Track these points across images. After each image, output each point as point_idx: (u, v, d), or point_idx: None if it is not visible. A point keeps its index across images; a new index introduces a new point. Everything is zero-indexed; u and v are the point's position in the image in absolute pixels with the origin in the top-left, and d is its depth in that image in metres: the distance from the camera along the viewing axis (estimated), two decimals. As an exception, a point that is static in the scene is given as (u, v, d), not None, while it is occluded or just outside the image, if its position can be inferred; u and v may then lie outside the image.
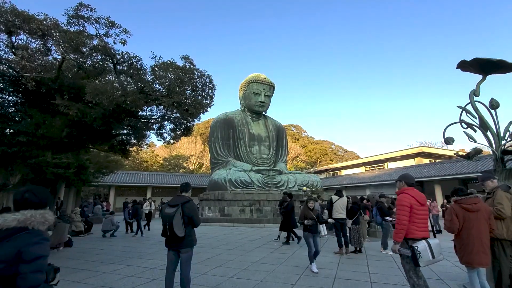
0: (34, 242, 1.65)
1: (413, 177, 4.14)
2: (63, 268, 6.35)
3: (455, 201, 4.00)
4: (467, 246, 3.81)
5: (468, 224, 3.80)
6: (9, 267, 1.56)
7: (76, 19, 9.04)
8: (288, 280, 5.35)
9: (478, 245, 3.73)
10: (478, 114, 5.34)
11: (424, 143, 50.20)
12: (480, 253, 3.72)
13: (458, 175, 22.62)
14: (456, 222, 3.86)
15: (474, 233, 3.75)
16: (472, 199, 3.86)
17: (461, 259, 3.93)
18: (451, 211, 3.98)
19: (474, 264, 3.75)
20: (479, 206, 3.82)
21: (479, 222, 3.77)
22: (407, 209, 3.69)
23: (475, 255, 3.73)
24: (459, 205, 3.91)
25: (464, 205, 3.86)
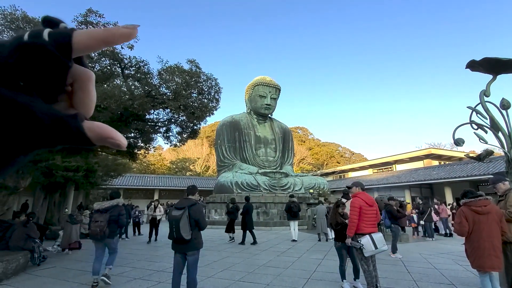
0: (120, 209, 5.79)
1: (364, 184, 5.14)
2: (72, 270, 6.45)
3: (464, 203, 3.94)
4: (477, 250, 3.73)
5: (478, 227, 3.72)
6: (116, 217, 5.59)
7: (85, 25, 9.23)
8: (294, 284, 5.30)
9: (489, 248, 3.64)
10: (489, 114, 5.22)
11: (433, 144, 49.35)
12: (492, 256, 3.63)
13: (468, 177, 22.14)
14: (466, 225, 3.79)
15: (484, 236, 3.67)
16: (481, 201, 3.78)
17: (472, 263, 3.85)
18: (460, 214, 3.91)
19: (485, 268, 3.66)
20: (489, 208, 3.74)
21: (489, 224, 3.69)
22: (357, 210, 4.64)
23: (486, 259, 3.64)
24: (469, 207, 3.85)
25: (474, 207, 3.79)
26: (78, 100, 0.31)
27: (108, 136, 0.28)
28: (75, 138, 0.27)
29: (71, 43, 0.27)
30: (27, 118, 0.25)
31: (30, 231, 7.46)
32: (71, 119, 0.27)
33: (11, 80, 0.25)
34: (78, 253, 8.76)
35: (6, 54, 0.25)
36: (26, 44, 0.26)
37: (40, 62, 0.26)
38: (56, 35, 0.27)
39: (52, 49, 0.26)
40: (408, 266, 6.80)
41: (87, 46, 0.28)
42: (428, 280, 5.55)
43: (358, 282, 5.11)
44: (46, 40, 0.26)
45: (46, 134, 0.26)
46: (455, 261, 7.40)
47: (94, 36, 0.28)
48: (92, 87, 0.32)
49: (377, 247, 4.49)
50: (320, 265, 6.77)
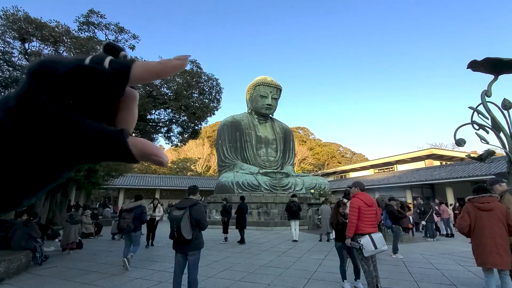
0: (142, 209, 7.16)
1: (364, 184, 5.13)
2: (74, 270, 6.48)
3: (469, 199, 3.96)
4: (479, 247, 3.73)
5: (480, 223, 3.71)
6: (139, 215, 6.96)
7: (86, 25, 9.27)
8: (295, 284, 5.30)
9: (491, 245, 3.62)
10: (491, 115, 5.21)
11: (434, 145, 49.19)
12: (494, 253, 3.61)
13: (470, 177, 22.07)
14: (466, 220, 3.80)
15: (487, 233, 3.67)
16: (485, 198, 3.78)
17: (476, 260, 3.85)
18: (464, 210, 3.96)
19: (487, 265, 3.65)
20: (492, 206, 3.72)
21: (491, 221, 3.67)
22: (356, 211, 4.65)
23: (488, 255, 3.63)
24: (472, 203, 3.87)
25: (476, 203, 3.80)
26: (121, 118, 0.31)
27: (151, 153, 0.29)
28: (120, 154, 0.28)
29: (129, 74, 0.28)
30: (76, 134, 0.26)
31: (31, 231, 7.49)
32: (117, 135, 0.27)
33: (62, 98, 0.26)
34: (79, 252, 8.79)
35: (62, 72, 0.26)
36: (86, 67, 0.26)
37: (95, 87, 0.27)
38: (117, 65, 0.28)
39: (110, 77, 0.27)
40: (409, 266, 6.79)
41: (142, 79, 0.29)
42: (429, 281, 5.54)
43: (358, 282, 5.10)
44: (106, 68, 0.27)
45: (92, 149, 0.26)
46: (456, 261, 7.39)
47: (150, 69, 0.29)
48: (135, 106, 0.32)
49: (377, 247, 4.49)
50: (321, 265, 6.77)
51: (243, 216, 10.78)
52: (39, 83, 0.25)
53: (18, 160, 0.25)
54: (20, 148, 0.25)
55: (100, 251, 9.14)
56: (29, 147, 0.25)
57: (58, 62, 0.27)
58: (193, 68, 10.60)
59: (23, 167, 0.25)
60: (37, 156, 0.25)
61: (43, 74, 0.26)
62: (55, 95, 0.26)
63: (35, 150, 0.25)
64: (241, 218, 10.71)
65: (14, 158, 0.25)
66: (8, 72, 9.64)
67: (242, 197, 11.81)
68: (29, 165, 0.25)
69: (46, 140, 0.25)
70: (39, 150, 0.25)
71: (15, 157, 0.25)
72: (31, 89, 0.25)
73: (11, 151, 0.25)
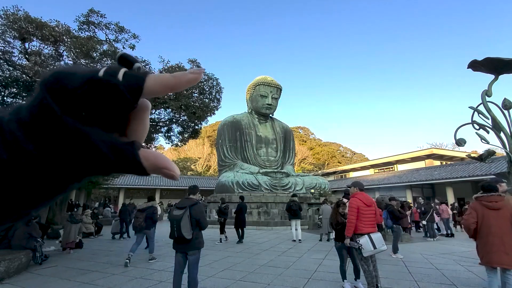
0: (154, 209, 7.62)
1: (363, 184, 5.12)
2: (74, 269, 6.48)
3: (476, 197, 3.93)
4: (486, 245, 3.69)
5: (487, 222, 3.68)
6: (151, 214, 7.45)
7: (86, 25, 9.27)
8: (295, 284, 5.30)
9: (498, 244, 3.59)
10: (491, 114, 5.20)
11: (435, 144, 49.19)
12: (501, 252, 3.58)
13: (470, 177, 22.06)
14: (473, 217, 3.77)
15: (494, 231, 3.63)
16: (493, 197, 3.75)
17: (481, 259, 3.83)
18: (471, 207, 3.92)
19: (493, 264, 3.63)
20: (501, 205, 3.70)
21: (499, 220, 3.64)
22: (355, 211, 4.66)
23: (494, 254, 3.60)
24: (480, 202, 3.84)
25: (484, 202, 3.77)
26: (132, 128, 0.31)
27: (163, 167, 0.28)
28: (131, 167, 0.27)
29: (143, 88, 0.27)
30: (87, 146, 0.25)
31: (32, 230, 7.49)
32: (129, 148, 0.27)
33: (75, 110, 0.26)
34: (79, 252, 8.79)
35: (76, 84, 0.26)
36: (100, 80, 0.26)
37: (108, 100, 0.26)
38: (130, 78, 0.27)
39: (123, 90, 0.26)
40: (409, 266, 6.79)
41: (156, 92, 0.29)
42: (429, 281, 5.53)
43: (358, 282, 5.10)
44: (119, 81, 0.27)
45: (103, 162, 0.26)
46: (456, 261, 7.38)
47: (164, 83, 0.29)
48: (147, 117, 0.32)
49: (376, 247, 4.49)
50: (321, 265, 6.77)
51: (243, 215, 10.80)
52: (53, 95, 0.25)
53: (29, 172, 0.25)
54: (32, 160, 0.25)
55: (100, 250, 9.15)
56: (41, 159, 0.25)
57: (72, 74, 0.26)
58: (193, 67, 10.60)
59: (34, 179, 0.25)
60: (47, 168, 0.25)
61: (56, 85, 0.26)
62: (68, 107, 0.25)
63: (46, 162, 0.25)
64: (241, 217, 10.72)
65: (25, 170, 0.25)
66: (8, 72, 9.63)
67: (242, 197, 11.83)
68: (39, 177, 0.25)
69: (57, 152, 0.25)
70: (50, 162, 0.25)
71: (26, 169, 0.25)
72: (44, 100, 0.25)
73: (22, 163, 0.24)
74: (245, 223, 10.90)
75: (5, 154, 0.24)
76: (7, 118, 0.26)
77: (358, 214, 4.68)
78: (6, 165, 0.24)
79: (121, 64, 0.30)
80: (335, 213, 5.70)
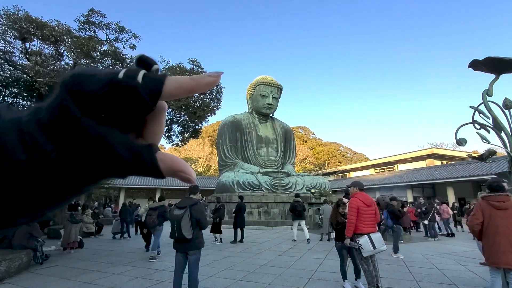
0: (165, 208, 8.29)
1: (363, 184, 5.11)
2: (74, 269, 6.49)
3: (483, 197, 3.90)
4: (493, 245, 3.65)
5: (494, 222, 3.65)
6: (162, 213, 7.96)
7: (87, 25, 9.27)
8: (296, 283, 5.30)
9: (505, 244, 3.56)
10: (492, 114, 5.19)
11: (435, 144, 49.09)
12: (508, 252, 3.55)
13: (471, 177, 22.04)
14: (479, 217, 3.73)
15: (501, 231, 3.60)
16: (501, 197, 3.72)
17: (487, 259, 3.78)
18: (477, 207, 3.87)
19: (500, 264, 3.59)
20: (508, 205, 3.66)
21: (507, 220, 3.61)
22: (355, 211, 4.65)
23: (502, 255, 3.57)
24: (487, 201, 3.80)
25: (492, 201, 3.74)
26: (149, 130, 0.31)
27: (179, 170, 0.29)
28: (147, 170, 0.27)
29: (162, 90, 0.27)
30: (105, 149, 0.25)
31: (32, 230, 7.50)
32: (146, 151, 0.27)
33: (94, 111, 0.26)
34: (80, 252, 8.80)
35: (96, 86, 0.26)
36: (119, 82, 0.26)
37: (127, 101, 0.26)
38: (150, 80, 0.27)
39: (142, 93, 0.26)
40: (409, 266, 6.78)
41: (174, 95, 0.29)
42: (430, 280, 5.53)
43: (359, 282, 5.10)
44: (139, 83, 0.27)
45: (120, 164, 0.26)
46: (457, 261, 7.37)
47: (183, 86, 0.29)
48: (163, 118, 0.32)
49: (376, 247, 4.48)
50: (321, 265, 6.77)
51: (242, 215, 10.81)
52: (73, 97, 0.25)
53: (46, 174, 0.25)
54: (49, 162, 0.25)
55: (101, 250, 9.16)
56: (59, 161, 0.25)
57: (92, 75, 0.26)
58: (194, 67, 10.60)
59: (50, 180, 0.25)
60: (65, 169, 0.25)
61: (77, 87, 0.26)
62: (88, 108, 0.25)
63: (64, 164, 0.25)
64: (240, 217, 10.73)
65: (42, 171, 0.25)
66: (9, 72, 9.65)
67: (241, 197, 11.86)
68: (56, 178, 0.25)
69: (75, 154, 0.25)
70: (68, 164, 0.25)
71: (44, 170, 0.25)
72: (64, 102, 0.25)
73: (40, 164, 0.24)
74: (244, 223, 10.89)
75: (23, 155, 0.24)
76: (26, 119, 0.26)
77: (358, 214, 4.66)
78: (24, 165, 0.24)
79: (140, 66, 0.30)
80: (335, 213, 5.71)
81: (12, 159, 0.24)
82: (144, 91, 0.26)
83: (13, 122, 0.25)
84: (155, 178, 0.29)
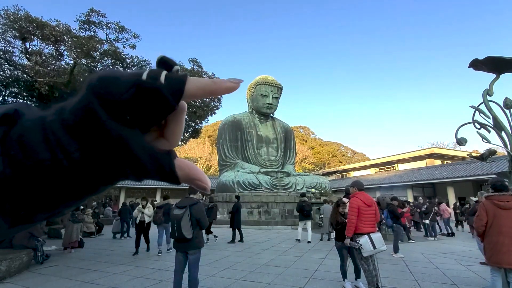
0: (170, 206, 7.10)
1: (363, 184, 5.11)
2: (75, 269, 6.50)
3: (487, 197, 3.89)
4: (496, 245, 3.63)
5: (498, 222, 3.64)
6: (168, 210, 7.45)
7: (87, 24, 9.27)
8: (296, 283, 5.30)
9: (508, 244, 3.54)
10: (492, 114, 5.17)
11: (435, 144, 49.08)
12: (511, 252, 3.53)
13: (471, 176, 22.02)
14: (484, 218, 3.72)
15: (505, 231, 3.58)
16: (505, 197, 3.70)
17: (489, 259, 3.76)
18: (481, 207, 3.85)
19: (503, 264, 3.58)
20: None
21: (511, 220, 3.60)
22: (356, 210, 4.65)
23: (505, 255, 3.55)
24: (491, 201, 3.79)
25: (496, 201, 3.72)
26: (170, 130, 0.32)
27: (196, 178, 0.29)
28: (165, 175, 0.28)
29: (183, 90, 0.28)
30: (126, 152, 0.26)
31: (33, 230, 7.50)
32: (165, 157, 0.28)
33: (120, 113, 0.26)
34: (80, 251, 8.81)
35: (122, 89, 0.26)
36: (143, 83, 0.27)
37: (151, 102, 0.27)
38: (172, 81, 0.28)
39: (166, 93, 0.27)
40: (410, 265, 6.78)
41: (194, 95, 0.30)
42: (430, 280, 5.53)
43: (359, 282, 5.10)
44: (162, 83, 0.27)
45: (139, 168, 0.27)
46: (457, 261, 7.37)
47: (204, 88, 0.30)
48: (184, 118, 0.33)
49: (376, 247, 4.49)
50: (321, 265, 6.77)
51: (239, 215, 10.80)
52: (100, 99, 0.26)
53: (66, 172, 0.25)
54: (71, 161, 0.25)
55: (101, 250, 9.17)
56: (80, 161, 0.25)
57: (117, 78, 0.27)
58: (194, 67, 10.60)
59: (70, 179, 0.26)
60: (85, 169, 0.26)
61: (103, 90, 0.26)
62: (114, 111, 0.26)
63: (85, 164, 0.26)
64: (237, 217, 10.70)
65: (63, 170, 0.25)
66: (9, 71, 9.65)
67: (237, 196, 11.84)
68: (75, 177, 0.26)
69: (96, 155, 0.26)
70: (88, 164, 0.26)
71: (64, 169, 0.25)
72: (90, 105, 0.26)
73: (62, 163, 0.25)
74: (240, 223, 10.89)
75: (47, 153, 0.25)
76: (50, 118, 0.26)
77: (359, 214, 4.66)
78: (48, 164, 0.25)
79: (161, 67, 0.30)
80: (335, 213, 5.69)
81: (35, 157, 0.24)
82: (167, 92, 0.27)
83: (38, 121, 0.26)
84: (171, 183, 0.30)
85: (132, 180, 0.29)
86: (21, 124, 0.26)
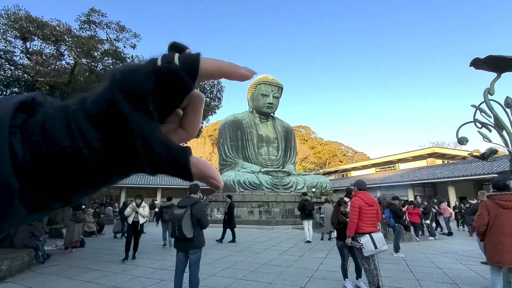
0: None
1: (365, 183, 5.13)
2: (76, 268, 6.51)
3: (488, 196, 3.86)
4: (497, 244, 3.62)
5: (500, 221, 3.62)
6: None
7: (87, 24, 9.27)
8: (297, 282, 5.30)
9: (510, 243, 3.53)
10: (493, 113, 5.16)
11: (436, 143, 48.98)
12: None
13: (472, 176, 21.98)
14: (485, 217, 3.70)
15: (506, 230, 3.57)
16: (507, 196, 3.68)
17: (489, 258, 3.74)
18: (482, 206, 3.83)
19: (504, 264, 3.56)
20: None
21: None
22: (357, 210, 4.66)
23: (506, 254, 3.54)
24: (493, 200, 3.77)
25: (498, 200, 3.70)
26: (188, 121, 0.33)
27: (210, 176, 0.30)
28: (179, 171, 0.28)
29: (198, 68, 0.28)
30: (143, 146, 0.26)
31: (34, 229, 7.52)
32: (182, 154, 0.28)
33: (144, 105, 0.27)
34: (81, 251, 8.82)
35: (143, 80, 0.27)
36: (160, 69, 0.27)
37: (170, 86, 0.27)
38: (186, 59, 0.28)
39: (181, 75, 0.27)
40: (410, 265, 6.78)
41: (210, 75, 0.29)
42: (431, 280, 5.52)
43: (360, 281, 5.09)
44: (177, 65, 0.27)
45: (154, 162, 0.27)
46: (458, 260, 7.36)
47: (220, 67, 0.30)
48: (202, 109, 0.33)
49: (377, 246, 4.49)
50: (322, 264, 6.77)
51: (233, 214, 10.78)
52: (124, 92, 0.26)
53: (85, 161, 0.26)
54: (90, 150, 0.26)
55: (102, 249, 9.18)
56: (99, 150, 0.26)
57: (136, 70, 0.27)
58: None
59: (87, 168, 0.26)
60: (102, 159, 0.26)
61: (126, 83, 0.27)
62: (139, 102, 0.26)
63: (103, 154, 0.26)
64: (232, 217, 10.67)
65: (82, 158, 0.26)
66: (10, 71, 9.66)
67: (229, 195, 11.69)
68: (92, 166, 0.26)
69: (115, 147, 0.26)
70: (106, 155, 0.26)
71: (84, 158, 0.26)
72: (113, 98, 0.26)
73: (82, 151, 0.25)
74: (234, 223, 10.86)
75: (68, 141, 0.25)
76: (73, 107, 0.27)
77: (360, 214, 4.67)
78: (69, 152, 0.25)
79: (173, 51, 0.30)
80: (337, 212, 5.67)
81: (58, 144, 0.25)
82: (183, 73, 0.27)
83: (61, 109, 0.27)
84: (184, 180, 0.30)
85: (147, 173, 0.29)
86: (44, 112, 0.27)
